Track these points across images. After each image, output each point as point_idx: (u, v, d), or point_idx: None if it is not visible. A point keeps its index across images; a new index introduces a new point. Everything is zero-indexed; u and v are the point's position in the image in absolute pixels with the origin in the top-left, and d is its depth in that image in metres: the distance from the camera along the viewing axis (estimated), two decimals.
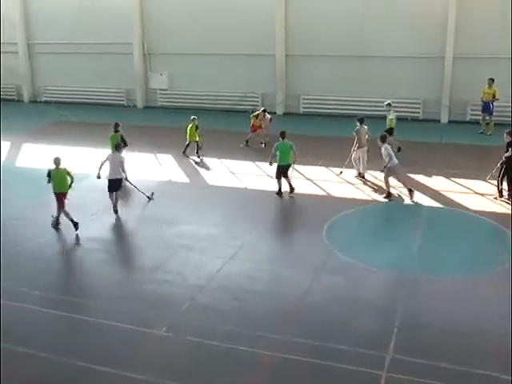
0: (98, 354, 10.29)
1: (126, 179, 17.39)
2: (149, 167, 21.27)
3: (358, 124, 19.87)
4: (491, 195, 17.67)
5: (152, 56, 32.28)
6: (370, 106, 28.39)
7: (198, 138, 22.42)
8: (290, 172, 18.55)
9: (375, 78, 28.21)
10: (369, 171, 19.80)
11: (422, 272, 13.09)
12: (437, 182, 19.07)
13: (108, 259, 14.16)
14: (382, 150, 18.00)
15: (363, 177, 19.69)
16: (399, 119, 27.65)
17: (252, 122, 23.84)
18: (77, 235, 15.39)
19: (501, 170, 17.52)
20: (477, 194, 17.96)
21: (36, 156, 22.95)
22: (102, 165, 17.08)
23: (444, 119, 27.75)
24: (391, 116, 22.17)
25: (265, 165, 20.71)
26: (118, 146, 17.59)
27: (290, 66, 29.75)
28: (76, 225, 15.52)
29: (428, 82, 27.70)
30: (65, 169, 16.02)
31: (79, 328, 11.27)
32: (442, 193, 18.17)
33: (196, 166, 21.44)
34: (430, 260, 13.80)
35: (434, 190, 18.41)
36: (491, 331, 10.73)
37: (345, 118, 27.46)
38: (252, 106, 30.29)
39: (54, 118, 30.26)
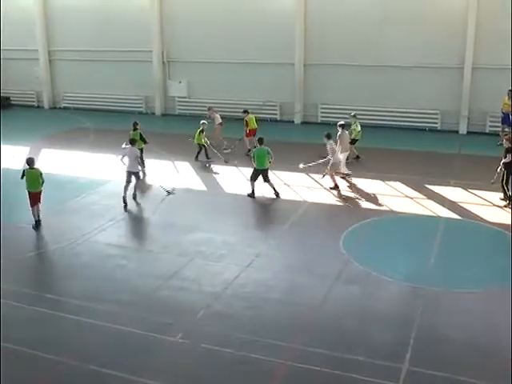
0: (111, 359, 10.33)
1: (143, 172, 18.76)
2: (166, 174, 21.32)
3: (340, 129, 20.47)
4: (508, 207, 17.57)
5: (171, 64, 32.48)
6: (388, 116, 28.40)
7: (202, 142, 22.69)
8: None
9: (393, 87, 28.15)
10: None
11: (439, 284, 12.98)
12: (454, 193, 18.95)
13: (124, 264, 14.20)
14: (328, 146, 19.22)
15: (345, 177, 20.33)
16: (418, 129, 27.75)
17: (248, 127, 23.87)
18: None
19: (503, 176, 17.68)
20: (495, 206, 17.80)
21: (54, 161, 23.12)
22: (122, 158, 18.51)
23: (463, 130, 27.60)
24: (358, 128, 22.26)
25: (283, 173, 20.78)
26: (133, 141, 18.92)
27: (309, 74, 29.79)
28: (38, 223, 16.33)
29: (447, 93, 27.58)
30: (37, 169, 16.35)
31: (93, 333, 11.28)
32: (460, 204, 18.05)
33: (213, 174, 21.48)
34: (447, 272, 13.68)
35: (451, 201, 18.29)
36: (508, 345, 10.61)
37: (362, 128, 27.40)
38: (270, 114, 30.42)
39: (73, 125, 30.47)
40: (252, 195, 18.85)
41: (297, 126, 29.91)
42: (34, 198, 16.28)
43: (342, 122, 21.01)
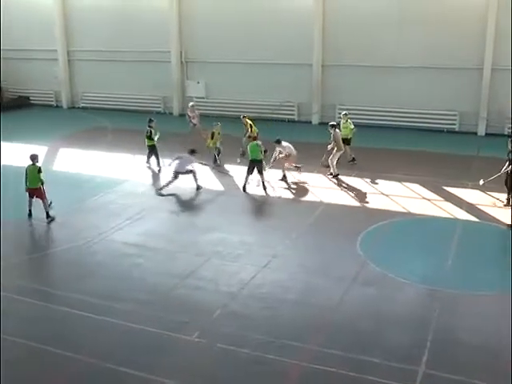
0: (127, 357, 10.36)
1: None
2: (184, 174, 21.34)
3: (332, 130, 20.81)
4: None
5: (189, 64, 32.60)
6: (406, 117, 28.33)
7: (210, 145, 22.65)
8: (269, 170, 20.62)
9: (411, 88, 28.09)
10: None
11: (456, 286, 12.91)
12: (472, 195, 18.83)
13: (141, 263, 14.24)
14: (279, 149, 20.85)
15: (337, 176, 20.75)
16: (436, 131, 27.58)
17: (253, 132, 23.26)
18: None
19: (506, 178, 17.87)
20: None
21: (72, 160, 23.30)
22: (175, 159, 19.97)
23: (481, 132, 27.44)
24: (352, 126, 22.37)
25: (297, 174, 20.77)
26: (192, 151, 20.12)
27: (327, 75, 29.77)
28: (47, 216, 16.73)
29: (465, 94, 27.45)
30: (36, 166, 16.64)
31: (109, 331, 11.34)
32: (478, 206, 17.94)
33: (230, 174, 21.50)
34: (464, 274, 13.61)
35: (469, 203, 18.18)
36: None
37: (380, 129, 27.38)
38: (288, 115, 30.41)
39: (91, 124, 30.65)
40: (244, 189, 19.56)
41: (314, 126, 29.88)
42: (31, 194, 16.71)
43: (333, 123, 21.39)
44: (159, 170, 21.73)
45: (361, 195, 19.15)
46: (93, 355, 10.41)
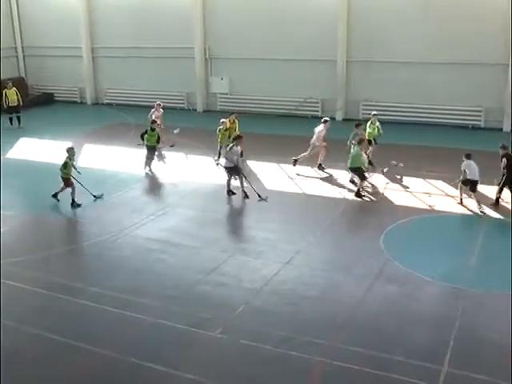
0: (150, 352, 10.43)
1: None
2: (207, 171, 21.44)
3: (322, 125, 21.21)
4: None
5: (213, 60, 32.61)
6: (430, 113, 28.11)
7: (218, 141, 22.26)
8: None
9: (436, 84, 27.81)
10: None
11: (480, 285, 12.81)
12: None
13: (165, 259, 14.33)
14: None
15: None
16: (460, 127, 27.34)
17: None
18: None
19: (501, 179, 17.73)
20: None
21: (96, 156, 23.50)
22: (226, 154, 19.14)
23: (506, 128, 27.11)
24: (377, 123, 22.11)
25: (318, 172, 20.72)
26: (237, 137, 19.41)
27: (351, 71, 29.62)
28: (73, 202, 17.76)
29: (491, 90, 27.12)
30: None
31: (133, 325, 11.44)
32: (503, 204, 17.76)
33: (254, 171, 21.50)
34: (488, 273, 13.48)
35: (494, 200, 17.99)
36: None
37: (404, 125, 27.22)
38: (312, 111, 30.32)
39: (115, 120, 30.84)
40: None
41: (338, 122, 29.74)
42: (67, 183, 17.85)
43: (326, 118, 21.88)
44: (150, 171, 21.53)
45: (385, 192, 19.05)
46: (116, 350, 10.51)
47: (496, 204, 17.63)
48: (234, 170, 18.68)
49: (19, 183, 20.40)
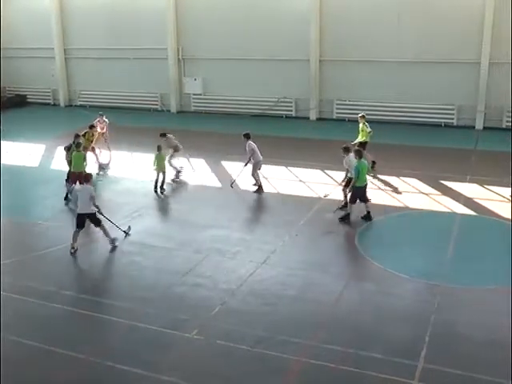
0: (126, 355, 10.38)
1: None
2: (182, 171, 21.33)
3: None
4: None
5: (186, 61, 32.55)
6: (403, 112, 28.34)
7: None
8: None
9: (409, 83, 28.07)
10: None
11: (455, 281, 12.92)
12: (470, 190, 18.83)
13: (139, 261, 14.23)
14: (246, 147, 19.08)
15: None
16: (433, 125, 27.57)
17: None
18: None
19: None
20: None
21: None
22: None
23: (479, 125, 27.42)
24: (369, 129, 20.59)
25: (297, 170, 20.75)
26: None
27: (324, 71, 29.74)
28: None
29: (463, 88, 27.44)
30: (82, 153, 18.35)
31: (108, 328, 11.40)
32: (476, 200, 17.94)
33: (229, 171, 21.45)
34: (462, 269, 13.61)
35: (467, 197, 18.18)
36: None
37: (378, 124, 27.28)
38: (286, 111, 30.37)
39: (89, 122, 30.42)
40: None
41: (312, 122, 29.86)
42: (74, 179, 18.01)
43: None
44: None
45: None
46: (92, 353, 10.42)
47: None
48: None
49: None
